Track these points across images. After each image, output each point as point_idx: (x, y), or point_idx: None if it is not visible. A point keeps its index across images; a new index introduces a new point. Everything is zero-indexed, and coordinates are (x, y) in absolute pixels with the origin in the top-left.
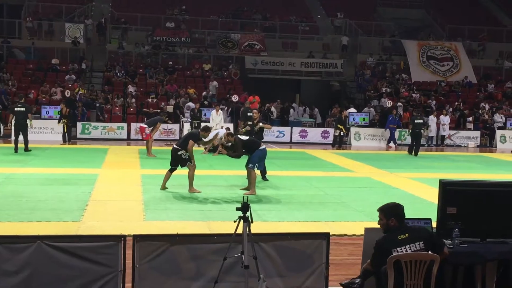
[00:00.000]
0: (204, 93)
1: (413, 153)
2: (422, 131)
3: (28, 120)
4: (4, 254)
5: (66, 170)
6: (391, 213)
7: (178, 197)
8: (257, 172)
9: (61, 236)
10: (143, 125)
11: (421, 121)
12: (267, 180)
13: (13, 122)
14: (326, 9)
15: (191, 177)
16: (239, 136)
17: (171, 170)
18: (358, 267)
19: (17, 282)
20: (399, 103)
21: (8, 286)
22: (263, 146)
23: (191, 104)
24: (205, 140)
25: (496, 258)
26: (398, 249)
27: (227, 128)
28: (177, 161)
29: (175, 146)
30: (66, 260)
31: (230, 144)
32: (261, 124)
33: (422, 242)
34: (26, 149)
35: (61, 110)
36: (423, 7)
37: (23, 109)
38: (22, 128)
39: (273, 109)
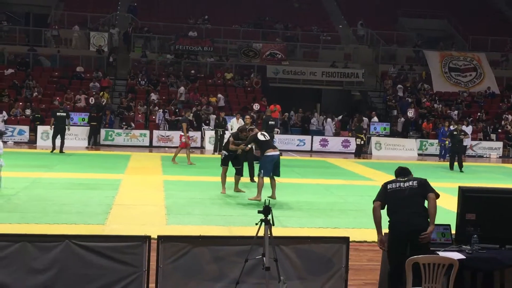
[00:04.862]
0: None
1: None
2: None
3: (67, 125)
4: (33, 252)
5: (90, 175)
6: (395, 173)
7: (199, 202)
8: (266, 179)
9: (88, 236)
10: (181, 132)
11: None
12: (254, 181)
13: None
14: (347, 19)
15: (221, 178)
16: (259, 134)
17: (237, 173)
18: (377, 272)
19: (45, 279)
20: (454, 113)
21: (36, 283)
22: (272, 152)
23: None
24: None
25: None
26: (393, 183)
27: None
28: None
29: None
30: (92, 259)
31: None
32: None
33: (416, 181)
34: (61, 151)
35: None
36: (445, 17)
37: (64, 114)
38: (61, 132)
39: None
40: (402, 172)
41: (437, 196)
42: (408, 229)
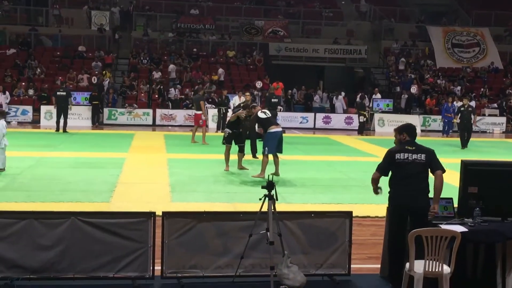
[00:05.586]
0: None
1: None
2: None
3: (68, 104)
4: (40, 229)
5: (94, 154)
6: (403, 129)
7: (203, 180)
8: (270, 156)
9: (94, 213)
10: (198, 112)
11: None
12: (257, 158)
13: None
14: None
15: (225, 155)
16: (259, 112)
17: (240, 150)
18: (380, 246)
19: (52, 256)
20: (457, 88)
21: (43, 259)
22: (275, 129)
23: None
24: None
25: None
26: (402, 154)
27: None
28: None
29: None
30: (98, 235)
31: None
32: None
33: (424, 155)
34: (64, 130)
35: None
36: None
37: (64, 93)
38: (63, 111)
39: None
40: (410, 132)
41: (443, 171)
42: (410, 205)
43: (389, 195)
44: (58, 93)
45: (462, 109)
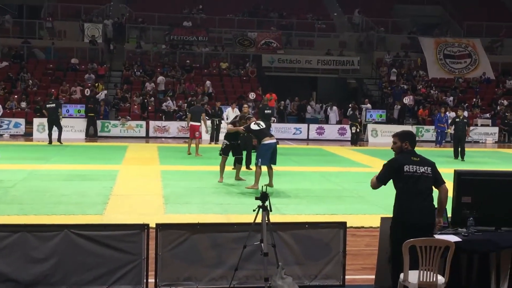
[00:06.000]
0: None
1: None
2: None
3: (59, 115)
4: (32, 242)
5: (87, 167)
6: (406, 137)
7: (197, 191)
8: (264, 168)
9: (87, 225)
10: (194, 123)
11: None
12: (250, 169)
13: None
14: (343, 6)
15: (220, 167)
16: (252, 124)
17: (237, 161)
18: (375, 257)
19: (44, 269)
20: (449, 99)
21: (36, 272)
22: (269, 141)
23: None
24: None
25: (510, 246)
26: (410, 166)
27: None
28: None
29: None
30: (92, 248)
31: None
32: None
33: (430, 168)
34: (59, 140)
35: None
36: (440, 3)
37: (54, 105)
38: (55, 123)
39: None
40: (412, 141)
41: (445, 183)
42: (420, 223)
43: (396, 210)
44: (47, 105)
45: (457, 120)
